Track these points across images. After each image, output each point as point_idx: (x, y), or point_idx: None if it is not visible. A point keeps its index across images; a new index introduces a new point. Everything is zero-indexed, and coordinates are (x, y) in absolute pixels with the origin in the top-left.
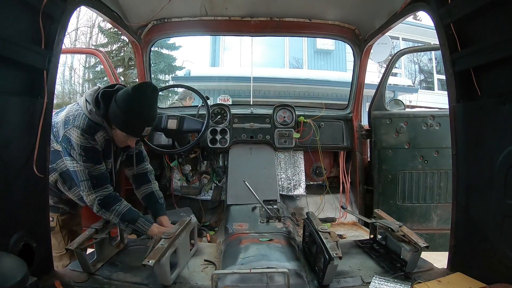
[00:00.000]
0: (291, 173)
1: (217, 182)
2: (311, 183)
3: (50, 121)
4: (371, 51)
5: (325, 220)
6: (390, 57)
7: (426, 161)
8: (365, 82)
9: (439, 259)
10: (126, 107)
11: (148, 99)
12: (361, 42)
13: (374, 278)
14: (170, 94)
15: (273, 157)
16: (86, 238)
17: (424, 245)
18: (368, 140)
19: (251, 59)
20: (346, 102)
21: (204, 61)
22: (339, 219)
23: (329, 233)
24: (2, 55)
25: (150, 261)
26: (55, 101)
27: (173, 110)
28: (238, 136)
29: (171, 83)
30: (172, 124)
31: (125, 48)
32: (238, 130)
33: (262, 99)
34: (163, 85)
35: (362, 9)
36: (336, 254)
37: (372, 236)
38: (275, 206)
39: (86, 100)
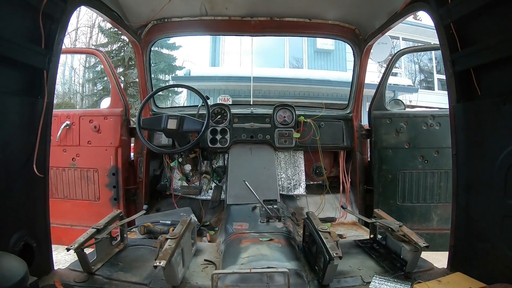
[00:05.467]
0: (291, 173)
1: (217, 182)
2: (311, 183)
3: (50, 121)
4: (371, 51)
5: (325, 220)
6: (390, 57)
7: (426, 161)
8: (365, 82)
9: (439, 259)
10: None
11: None
12: (361, 42)
13: (374, 278)
14: (170, 94)
15: (273, 157)
16: (86, 238)
17: (424, 245)
18: (368, 140)
19: (251, 59)
20: (346, 102)
21: (204, 61)
22: (339, 219)
23: (329, 233)
24: (2, 55)
25: (162, 263)
26: (55, 101)
27: (173, 110)
28: (238, 136)
29: (171, 83)
30: (172, 124)
31: (125, 48)
32: (238, 130)
33: (262, 99)
34: (163, 85)
35: (362, 9)
36: (336, 254)
37: (372, 236)
38: (275, 206)
39: None
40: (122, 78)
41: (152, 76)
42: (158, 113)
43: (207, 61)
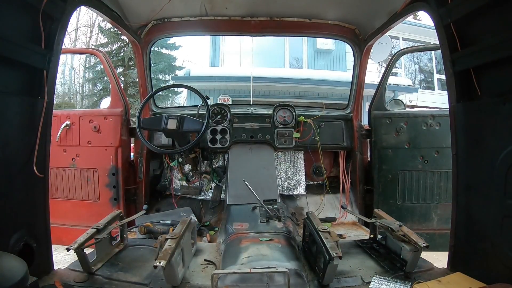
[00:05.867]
0: (291, 173)
1: (217, 182)
2: (311, 183)
3: (50, 121)
4: (371, 51)
5: (325, 220)
6: (390, 57)
7: (426, 161)
8: (365, 82)
9: (439, 259)
10: None
11: None
12: (361, 42)
13: (374, 277)
14: (170, 94)
15: (273, 157)
16: (86, 238)
17: (424, 245)
18: (368, 140)
19: (251, 59)
20: (346, 102)
21: (204, 61)
22: (339, 219)
23: (329, 233)
24: (2, 55)
25: (162, 263)
26: (55, 101)
27: (173, 110)
28: (238, 136)
29: (171, 83)
30: (172, 124)
31: (125, 48)
32: (238, 130)
33: (262, 99)
34: (163, 85)
35: (362, 9)
36: (336, 253)
37: (372, 236)
38: (275, 206)
39: None
40: (122, 78)
41: (152, 76)
42: (158, 113)
43: (207, 61)
